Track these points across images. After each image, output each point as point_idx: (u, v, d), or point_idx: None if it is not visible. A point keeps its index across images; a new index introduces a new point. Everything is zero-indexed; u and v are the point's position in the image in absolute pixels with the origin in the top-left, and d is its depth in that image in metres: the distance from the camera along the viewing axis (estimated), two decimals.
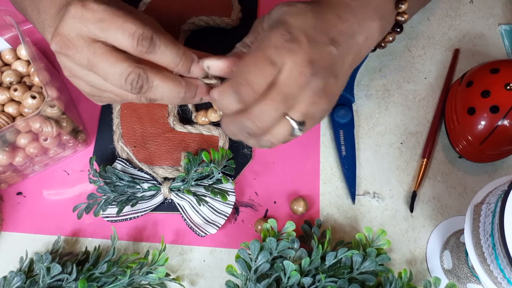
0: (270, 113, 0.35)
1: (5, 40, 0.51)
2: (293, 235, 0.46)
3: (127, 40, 0.34)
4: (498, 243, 0.33)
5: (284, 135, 0.37)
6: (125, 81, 0.35)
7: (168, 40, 0.35)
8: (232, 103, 0.34)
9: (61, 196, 0.52)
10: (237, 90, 0.33)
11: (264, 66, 0.33)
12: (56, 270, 0.44)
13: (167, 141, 0.52)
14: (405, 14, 0.42)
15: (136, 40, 0.34)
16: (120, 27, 0.33)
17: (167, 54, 0.35)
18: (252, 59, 0.34)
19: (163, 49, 0.35)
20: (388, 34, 0.44)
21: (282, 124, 0.36)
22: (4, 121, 0.46)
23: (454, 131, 0.50)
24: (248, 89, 0.33)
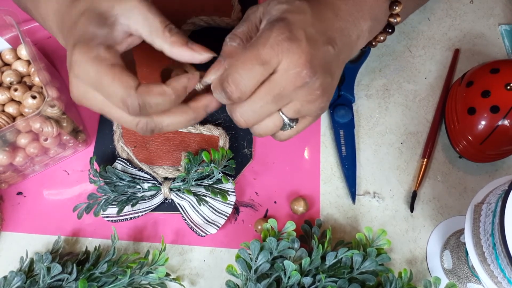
0: (258, 111, 0.35)
1: (5, 40, 0.51)
2: (293, 235, 0.46)
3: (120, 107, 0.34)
4: (499, 242, 0.33)
5: (272, 129, 0.38)
6: (136, 128, 0.36)
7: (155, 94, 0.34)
8: (223, 99, 0.35)
9: (61, 196, 0.52)
10: (224, 88, 0.34)
11: (253, 67, 0.33)
12: (56, 270, 0.44)
13: (167, 141, 0.52)
14: (398, 17, 0.43)
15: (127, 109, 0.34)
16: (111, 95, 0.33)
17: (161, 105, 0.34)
18: (243, 58, 0.34)
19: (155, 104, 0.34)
20: (380, 33, 0.44)
21: (272, 118, 0.37)
22: (4, 121, 0.46)
23: (454, 131, 0.50)
24: (233, 88, 0.34)
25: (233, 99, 0.34)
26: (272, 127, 0.37)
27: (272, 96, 0.34)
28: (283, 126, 0.38)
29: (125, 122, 0.36)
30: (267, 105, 0.35)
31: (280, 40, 0.33)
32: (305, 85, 0.35)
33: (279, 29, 0.34)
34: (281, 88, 0.34)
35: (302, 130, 0.39)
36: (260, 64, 0.33)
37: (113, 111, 0.36)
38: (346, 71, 0.55)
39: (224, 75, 0.34)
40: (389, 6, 0.42)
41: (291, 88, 0.34)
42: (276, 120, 0.37)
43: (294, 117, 0.37)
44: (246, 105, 0.35)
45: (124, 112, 0.35)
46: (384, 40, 0.45)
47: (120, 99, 0.33)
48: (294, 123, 0.38)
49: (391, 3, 0.42)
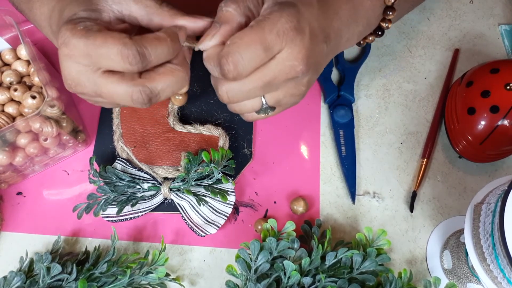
0: (245, 93, 0.35)
1: (5, 40, 0.51)
2: (293, 235, 0.46)
3: (120, 64, 0.33)
4: (498, 243, 0.33)
5: (248, 110, 0.38)
6: (132, 101, 0.35)
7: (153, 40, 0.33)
8: (215, 72, 0.35)
9: (61, 196, 0.52)
10: (222, 65, 0.33)
11: (257, 51, 0.32)
12: (56, 270, 0.44)
13: (167, 141, 0.52)
14: (390, 22, 0.43)
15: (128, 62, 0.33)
16: (106, 56, 0.32)
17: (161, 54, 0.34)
18: (247, 38, 0.32)
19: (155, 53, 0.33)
20: (370, 34, 0.44)
21: (253, 101, 0.37)
22: (4, 121, 0.46)
23: (454, 131, 0.50)
24: (232, 68, 0.33)
25: (227, 77, 0.34)
26: (249, 108, 0.37)
27: (264, 82, 0.34)
28: (259, 110, 0.38)
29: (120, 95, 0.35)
30: (256, 90, 0.35)
31: (287, 29, 0.33)
32: (294, 79, 0.35)
33: (288, 15, 0.33)
34: (274, 76, 0.34)
35: (270, 117, 0.40)
36: (264, 49, 0.32)
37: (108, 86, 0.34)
38: (346, 71, 0.55)
39: (224, 52, 0.33)
40: (383, 11, 0.42)
41: (282, 78, 0.34)
42: (256, 103, 0.37)
43: (273, 106, 0.37)
44: (236, 85, 0.34)
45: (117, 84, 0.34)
46: (373, 41, 0.46)
47: (117, 52, 0.32)
48: (270, 111, 0.38)
49: (386, 8, 0.42)
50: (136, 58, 0.32)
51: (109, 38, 0.32)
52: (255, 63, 0.33)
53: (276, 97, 0.36)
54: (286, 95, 0.36)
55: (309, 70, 0.35)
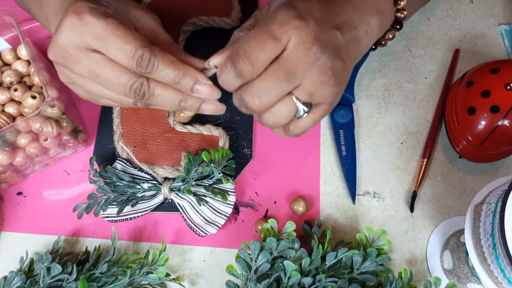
0: (271, 90, 0.34)
1: (5, 40, 0.51)
2: (293, 235, 0.46)
3: (126, 60, 0.33)
4: (499, 243, 0.33)
5: (286, 116, 0.36)
6: (129, 90, 0.35)
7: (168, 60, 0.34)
8: (231, 78, 0.34)
9: (61, 196, 0.52)
10: (235, 62, 0.33)
11: (265, 40, 0.32)
12: (56, 270, 0.44)
13: (167, 141, 0.52)
14: (404, 11, 0.42)
15: (135, 61, 0.33)
16: (120, 48, 0.33)
17: (165, 75, 0.35)
18: (253, 34, 0.33)
19: (161, 70, 0.34)
20: (388, 31, 0.44)
21: (285, 103, 0.35)
22: (4, 121, 0.46)
23: (454, 131, 0.50)
24: (245, 61, 0.32)
25: (244, 74, 0.33)
26: (285, 112, 0.35)
27: (284, 72, 0.33)
28: (297, 111, 0.36)
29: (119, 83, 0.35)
30: (280, 83, 0.33)
31: (288, 17, 0.33)
32: (316, 62, 0.33)
33: (285, 8, 0.33)
34: (292, 64, 0.33)
35: (318, 120, 0.38)
36: (271, 38, 0.32)
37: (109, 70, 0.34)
38: None
39: (234, 50, 0.33)
40: (394, 2, 0.42)
41: (303, 64, 0.33)
42: (289, 104, 0.35)
43: (307, 101, 0.35)
44: (258, 83, 0.34)
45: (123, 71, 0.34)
46: (393, 38, 0.45)
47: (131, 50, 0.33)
48: (308, 108, 0.36)
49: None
50: (145, 62, 0.33)
51: (130, 33, 0.33)
52: (267, 52, 0.33)
53: (306, 90, 0.35)
54: (315, 85, 0.34)
55: (328, 52, 0.34)
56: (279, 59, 0.33)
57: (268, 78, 0.33)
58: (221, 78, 0.35)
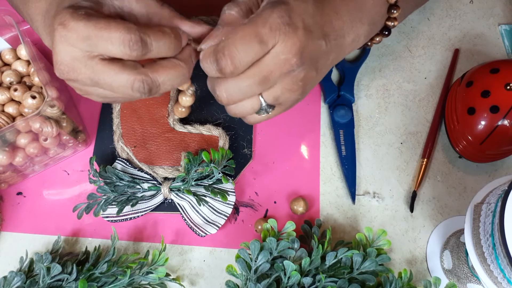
0: (243, 90, 0.35)
1: (5, 40, 0.51)
2: (293, 235, 0.46)
3: (119, 49, 0.33)
4: (498, 243, 0.33)
5: (248, 111, 0.37)
6: (132, 90, 0.35)
7: (157, 32, 0.34)
8: (212, 70, 0.34)
9: (61, 196, 0.52)
10: (218, 59, 0.33)
11: (251, 43, 0.33)
12: (56, 270, 0.44)
13: (167, 141, 0.52)
14: (395, 20, 0.43)
15: (128, 47, 0.33)
16: (107, 39, 0.32)
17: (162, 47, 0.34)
18: (242, 32, 0.33)
19: (156, 44, 0.34)
20: (376, 35, 0.44)
21: (251, 100, 0.36)
22: (4, 121, 0.46)
23: (454, 131, 0.50)
24: (228, 61, 0.33)
25: (224, 72, 0.34)
26: (249, 109, 0.37)
27: (260, 77, 0.34)
28: (259, 110, 0.38)
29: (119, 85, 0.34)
30: (253, 86, 0.35)
31: (279, 23, 0.33)
32: (290, 73, 0.35)
33: (280, 11, 0.33)
34: (269, 70, 0.34)
35: (272, 117, 0.39)
36: (258, 42, 0.33)
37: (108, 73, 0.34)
38: (346, 71, 0.55)
39: (219, 46, 0.33)
40: (388, 10, 0.42)
41: (278, 72, 0.34)
42: (254, 102, 0.37)
43: (272, 103, 0.37)
44: (233, 82, 0.35)
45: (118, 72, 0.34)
46: (380, 42, 0.45)
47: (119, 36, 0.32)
48: (271, 109, 0.38)
49: (390, 6, 0.42)
50: (137, 44, 0.33)
51: (112, 23, 0.32)
52: (251, 56, 0.33)
53: (274, 94, 0.36)
54: (283, 91, 0.36)
55: (304, 64, 0.35)
56: (258, 63, 0.34)
57: (244, 79, 0.34)
58: (203, 66, 0.35)
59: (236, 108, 0.37)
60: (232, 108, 0.38)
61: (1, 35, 0.50)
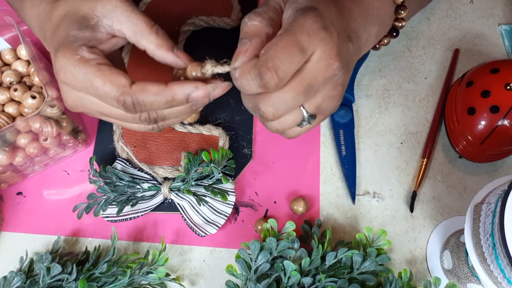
0: (289, 102, 0.33)
1: (5, 40, 0.51)
2: (293, 235, 0.46)
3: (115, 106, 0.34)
4: (498, 243, 0.33)
5: (291, 125, 0.36)
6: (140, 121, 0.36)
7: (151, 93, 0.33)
8: (253, 86, 0.32)
9: (61, 196, 0.52)
10: (262, 74, 0.31)
11: (294, 52, 0.31)
12: (56, 270, 0.44)
13: (167, 141, 0.52)
14: (403, 20, 0.43)
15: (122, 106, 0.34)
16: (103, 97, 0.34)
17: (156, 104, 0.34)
18: (282, 42, 0.32)
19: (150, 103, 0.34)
20: (384, 37, 0.44)
21: (294, 113, 0.35)
22: (4, 121, 0.46)
23: (454, 131, 0.50)
24: (274, 74, 0.31)
25: (269, 86, 0.32)
26: (291, 122, 0.36)
27: (304, 86, 0.33)
28: (301, 122, 0.36)
29: (127, 119, 0.36)
30: (298, 96, 0.33)
31: (316, 28, 0.32)
32: (332, 78, 0.34)
33: (314, 17, 0.33)
34: (313, 78, 0.33)
35: (312, 128, 0.38)
36: (299, 50, 0.32)
37: (112, 111, 0.35)
38: None
39: (262, 60, 0.32)
40: (395, 11, 0.42)
41: (321, 79, 0.33)
42: (296, 115, 0.35)
43: (313, 113, 0.36)
44: (278, 95, 0.33)
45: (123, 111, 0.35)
46: (388, 43, 0.45)
47: (114, 98, 0.33)
48: (312, 120, 0.36)
49: (397, 7, 0.42)
50: (130, 107, 0.34)
51: (107, 81, 0.33)
52: (294, 66, 0.32)
53: (316, 103, 0.35)
54: (325, 99, 0.35)
55: (344, 68, 0.34)
56: (301, 72, 0.33)
57: (289, 91, 0.33)
58: (241, 83, 0.33)
59: (279, 123, 0.36)
60: (275, 124, 0.36)
61: (1, 35, 0.50)
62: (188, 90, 0.34)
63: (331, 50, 0.33)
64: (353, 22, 0.38)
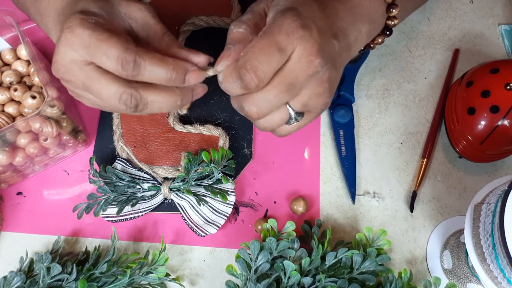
0: (272, 101, 0.34)
1: (5, 40, 0.51)
2: (293, 235, 0.46)
3: (111, 65, 0.34)
4: (498, 243, 0.33)
5: (278, 123, 0.37)
6: (119, 101, 0.35)
7: (155, 58, 0.34)
8: (235, 88, 0.34)
9: (61, 196, 0.52)
10: (241, 75, 0.33)
11: (272, 53, 0.32)
12: (56, 270, 0.44)
13: (167, 141, 0.52)
14: (395, 19, 0.43)
15: (120, 65, 0.33)
16: (104, 52, 0.33)
17: (155, 73, 0.34)
18: (260, 44, 0.33)
19: (150, 69, 0.34)
20: (378, 36, 0.45)
21: (279, 111, 0.36)
22: (4, 121, 0.46)
23: (454, 131, 0.50)
24: (252, 75, 0.33)
25: (250, 87, 0.33)
26: (278, 120, 0.37)
27: (286, 84, 0.34)
28: (288, 120, 0.37)
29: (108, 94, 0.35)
30: (281, 95, 0.34)
31: (294, 27, 0.33)
32: (315, 75, 0.34)
33: (292, 16, 0.33)
34: (294, 76, 0.34)
35: (303, 126, 0.39)
36: (278, 50, 0.32)
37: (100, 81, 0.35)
38: (346, 71, 0.55)
39: (240, 63, 0.33)
40: (386, 9, 0.42)
41: (303, 77, 0.34)
42: (283, 113, 0.36)
43: (300, 111, 0.37)
44: (260, 95, 0.34)
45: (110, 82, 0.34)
46: (382, 42, 0.45)
47: (115, 53, 0.33)
48: (300, 117, 0.37)
49: (388, 5, 0.42)
50: (129, 64, 0.33)
51: (114, 38, 0.33)
52: (273, 66, 0.33)
53: (302, 100, 0.36)
54: (311, 96, 0.36)
55: (327, 64, 0.34)
56: (282, 71, 0.34)
57: (270, 90, 0.34)
58: (225, 86, 0.35)
59: (266, 121, 0.37)
60: (262, 122, 0.37)
61: (1, 35, 0.50)
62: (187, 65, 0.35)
63: (311, 47, 0.33)
64: (339, 21, 0.38)
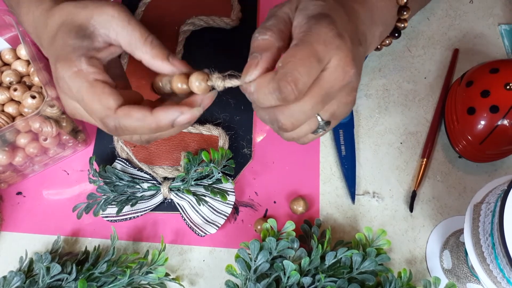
0: (307, 112, 0.33)
1: (5, 40, 0.51)
2: (293, 234, 0.46)
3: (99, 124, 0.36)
4: (498, 242, 0.33)
5: (306, 133, 0.36)
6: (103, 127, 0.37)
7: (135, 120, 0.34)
8: (271, 100, 0.32)
9: (61, 196, 0.52)
10: (281, 87, 0.31)
11: (312, 64, 0.31)
12: (56, 270, 0.44)
13: (167, 141, 0.52)
14: (406, 22, 0.43)
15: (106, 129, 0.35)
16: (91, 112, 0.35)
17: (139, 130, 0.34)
18: (299, 55, 0.31)
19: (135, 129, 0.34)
20: (386, 37, 0.45)
21: (310, 121, 0.35)
22: (4, 121, 0.46)
23: (454, 131, 0.50)
24: (293, 88, 0.31)
25: (289, 99, 0.31)
26: (307, 130, 0.36)
27: (322, 95, 0.33)
28: (316, 129, 0.36)
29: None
30: (317, 106, 0.33)
31: (331, 37, 0.32)
32: (348, 85, 0.34)
33: (328, 25, 0.32)
34: (330, 87, 0.33)
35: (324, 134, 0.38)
36: (317, 61, 0.31)
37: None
38: None
39: (281, 74, 0.31)
40: (398, 11, 0.42)
41: (338, 87, 0.33)
42: (312, 123, 0.35)
43: (328, 120, 0.36)
44: (297, 107, 0.33)
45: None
46: (390, 44, 0.45)
47: (98, 117, 0.34)
48: (327, 126, 0.36)
49: (400, 8, 0.42)
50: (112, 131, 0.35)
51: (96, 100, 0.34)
52: (313, 77, 0.32)
53: (331, 110, 0.35)
54: (340, 105, 0.35)
55: (358, 73, 0.34)
56: (318, 81, 0.32)
57: (307, 101, 0.33)
58: (257, 97, 0.33)
59: (295, 132, 0.36)
60: (292, 134, 0.36)
61: (1, 35, 0.50)
62: (173, 115, 0.34)
63: (346, 57, 0.32)
64: (361, 25, 0.37)
